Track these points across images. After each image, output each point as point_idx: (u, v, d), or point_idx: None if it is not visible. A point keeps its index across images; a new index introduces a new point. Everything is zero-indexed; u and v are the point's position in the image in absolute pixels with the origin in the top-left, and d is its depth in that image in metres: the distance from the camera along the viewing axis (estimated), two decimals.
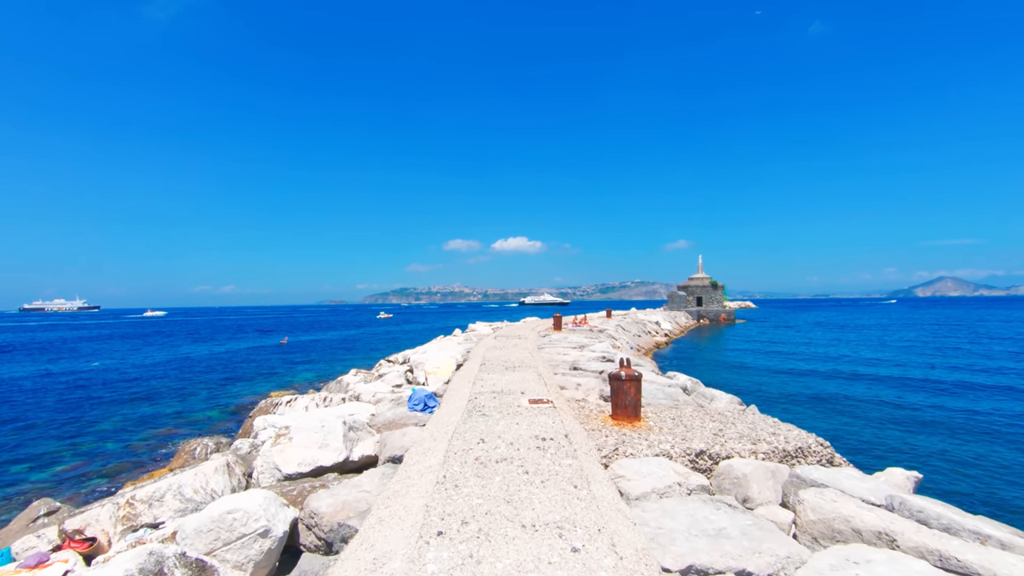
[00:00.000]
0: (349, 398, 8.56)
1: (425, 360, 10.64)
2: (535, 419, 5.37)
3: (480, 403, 6.13)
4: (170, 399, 16.81)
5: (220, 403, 15.80)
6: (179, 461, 6.97)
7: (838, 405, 13.80)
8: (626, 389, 5.90)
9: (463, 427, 5.08)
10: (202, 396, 17.17)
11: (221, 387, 19.15)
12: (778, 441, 5.43)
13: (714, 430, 5.85)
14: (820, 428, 10.94)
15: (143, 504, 4.21)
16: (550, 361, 11.12)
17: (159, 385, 19.78)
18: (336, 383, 11.19)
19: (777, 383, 16.59)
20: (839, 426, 11.57)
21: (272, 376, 21.46)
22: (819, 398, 14.46)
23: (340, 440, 5.46)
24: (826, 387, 16.23)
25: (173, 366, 26.04)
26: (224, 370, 23.98)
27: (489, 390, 6.89)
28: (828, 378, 17.57)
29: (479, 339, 16.73)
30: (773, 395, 14.88)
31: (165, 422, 13.30)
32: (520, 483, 3.50)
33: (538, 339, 16.16)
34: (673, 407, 7.28)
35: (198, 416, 13.79)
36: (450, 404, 6.38)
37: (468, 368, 9.39)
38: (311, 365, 24.69)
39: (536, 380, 7.77)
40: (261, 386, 18.61)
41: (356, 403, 7.86)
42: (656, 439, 5.40)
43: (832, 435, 10.19)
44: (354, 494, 3.92)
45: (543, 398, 6.24)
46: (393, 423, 6.36)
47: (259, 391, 17.58)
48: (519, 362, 9.82)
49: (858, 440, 10.30)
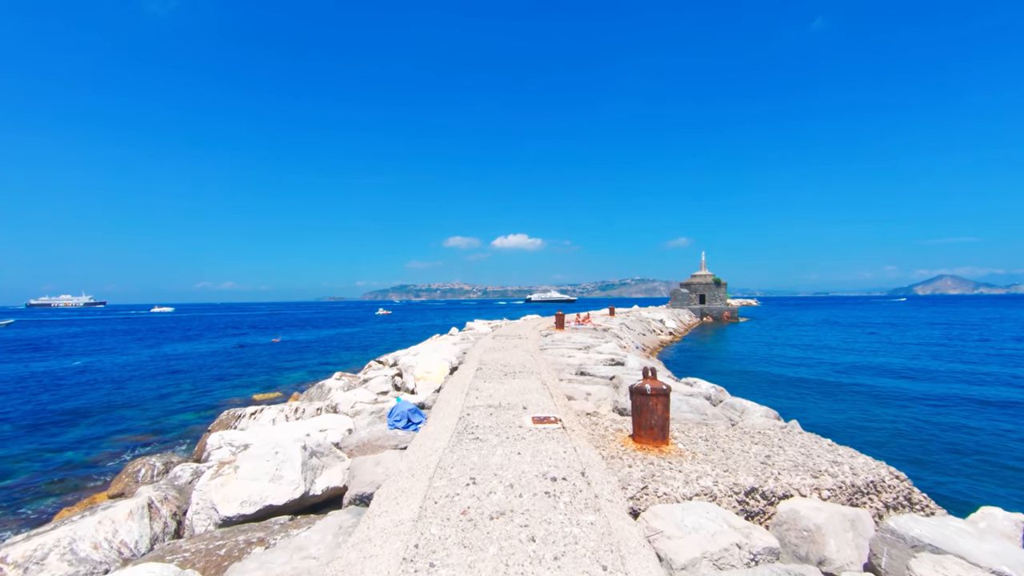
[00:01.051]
0: (326, 409, 7.47)
1: (415, 364, 9.57)
2: (541, 446, 4.30)
3: (474, 421, 5.05)
4: (146, 401, 15.75)
5: (198, 406, 14.72)
6: (118, 486, 5.89)
7: (868, 414, 12.72)
8: (652, 406, 4.82)
9: (450, 457, 4.00)
10: (180, 398, 16.10)
11: (204, 388, 18.08)
12: (843, 473, 4.37)
13: (760, 456, 4.78)
14: (864, 446, 9.86)
15: (16, 571, 3.13)
16: (554, 364, 10.04)
17: (138, 385, 18.72)
18: (317, 388, 10.12)
19: (799, 389, 15.44)
20: (885, 440, 10.48)
21: (259, 376, 20.39)
22: (847, 406, 13.35)
23: (297, 470, 4.37)
24: (851, 394, 15.11)
25: (159, 364, 24.98)
26: (211, 369, 22.92)
27: (485, 403, 5.81)
28: (851, 384, 16.39)
29: (477, 339, 15.65)
30: (798, 404, 13.78)
31: (131, 427, 12.23)
32: (524, 560, 2.42)
33: (540, 339, 15.09)
34: (701, 423, 6.21)
35: (170, 422, 12.71)
36: (438, 421, 5.31)
37: (463, 373, 8.31)
38: (302, 365, 23.62)
39: (539, 389, 6.69)
40: (246, 388, 17.55)
41: (332, 416, 6.78)
42: (692, 470, 4.33)
43: (878, 454, 9.14)
44: (295, 564, 2.84)
45: (549, 415, 5.15)
46: (368, 445, 5.28)
47: (242, 393, 16.51)
48: (520, 366, 8.74)
49: (905, 456, 9.24)
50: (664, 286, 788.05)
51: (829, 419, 12.21)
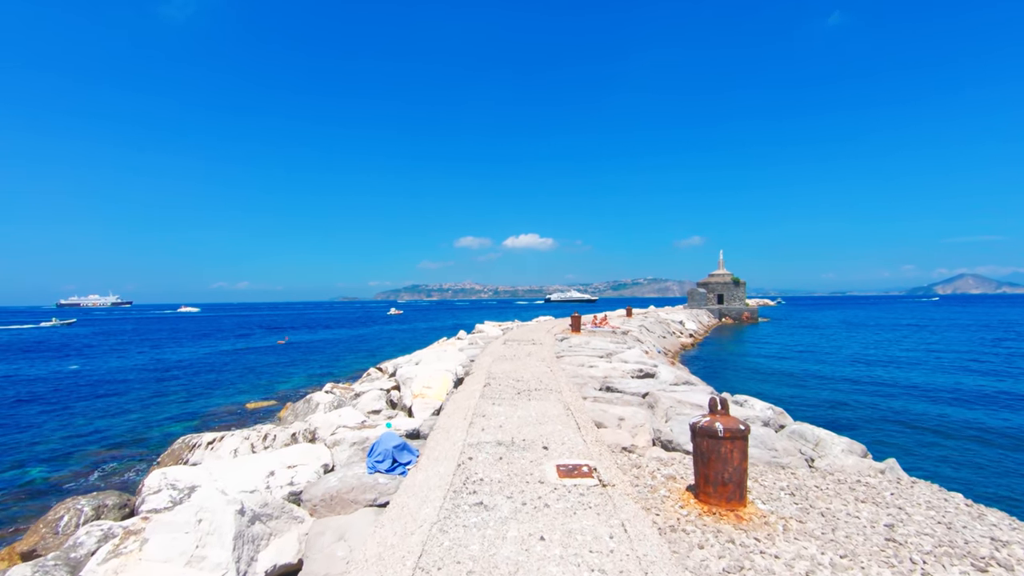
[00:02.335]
0: (303, 434, 6.20)
1: (414, 376, 8.28)
2: (574, 522, 2.95)
3: (477, 471, 3.72)
4: (131, 408, 14.71)
5: (185, 414, 13.62)
6: (32, 539, 4.68)
7: (928, 429, 11.16)
8: (725, 454, 3.46)
9: (439, 544, 2.68)
10: (170, 405, 15.03)
11: (198, 393, 17.02)
12: (1018, 561, 2.97)
13: (878, 525, 3.40)
14: (951, 478, 8.27)
15: None
16: (574, 377, 8.68)
17: (128, 390, 17.72)
18: (304, 402, 8.87)
19: (849, 408, 13.80)
20: (971, 465, 8.91)
21: (259, 381, 19.29)
22: (902, 422, 11.76)
23: (227, 546, 3.08)
24: (902, 405, 13.52)
25: (158, 367, 24.06)
26: (210, 372, 21.93)
27: (493, 438, 4.48)
28: (898, 394, 14.75)
29: (486, 343, 14.34)
30: (847, 418, 12.21)
31: (107, 439, 11.13)
32: None
33: (555, 344, 13.73)
34: (774, 463, 4.83)
35: (150, 434, 11.59)
36: (431, 466, 3.99)
37: (468, 390, 7.00)
38: (305, 369, 22.49)
39: (562, 416, 5.34)
40: (240, 394, 16.43)
41: (306, 447, 5.50)
42: (790, 553, 2.97)
43: (969, 487, 7.56)
44: None
45: (580, 465, 3.80)
46: (339, 498, 3.98)
47: (236, 400, 15.39)
48: (535, 381, 7.40)
49: (1005, 489, 7.73)
50: (677, 286, 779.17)
51: (906, 448, 10.62)
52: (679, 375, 9.08)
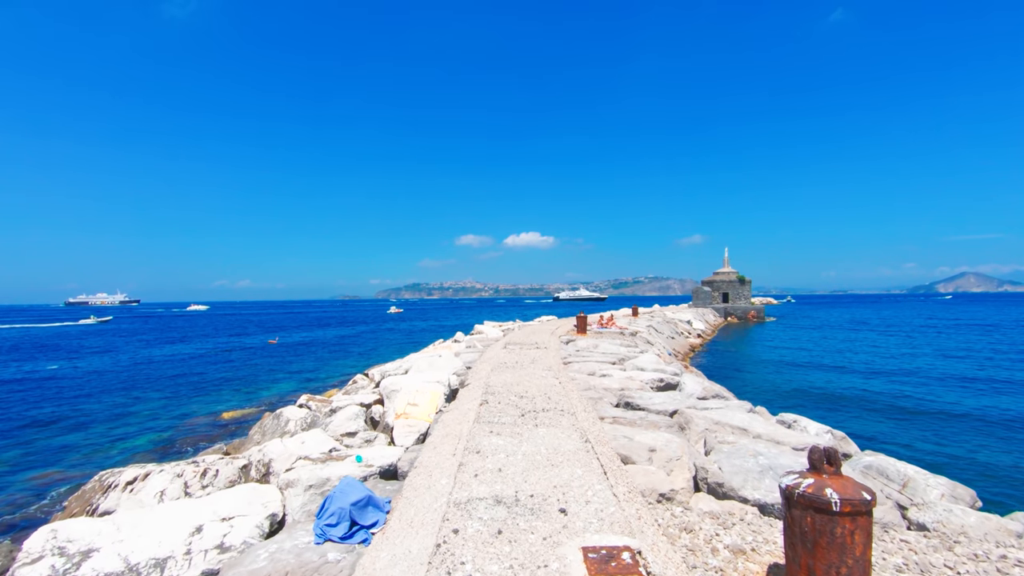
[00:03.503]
0: (256, 467, 5.00)
1: (400, 388, 7.07)
2: None
3: (464, 557, 2.50)
4: (102, 417, 13.55)
5: (153, 427, 12.42)
6: None
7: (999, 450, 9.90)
8: (843, 538, 2.26)
9: None
10: (141, 415, 13.84)
11: (175, 399, 15.83)
12: None
13: None
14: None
15: None
16: (586, 389, 7.47)
17: (105, 395, 16.55)
18: (274, 418, 7.66)
19: (883, 414, 12.52)
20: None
21: (243, 385, 18.07)
22: (963, 445, 10.41)
23: None
24: (968, 424, 12.18)
25: (140, 369, 22.86)
26: (194, 375, 20.73)
27: (489, 493, 3.27)
28: (952, 408, 13.29)
29: (485, 347, 13.12)
30: (881, 431, 10.97)
31: (62, 458, 9.94)
32: None
33: (560, 347, 12.51)
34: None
35: (109, 453, 10.38)
36: (400, 540, 2.78)
37: (462, 408, 5.79)
38: (294, 372, 21.25)
39: (580, 453, 4.12)
40: (218, 403, 15.21)
41: (252, 489, 4.29)
42: None
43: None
44: None
45: (617, 549, 2.56)
46: None
47: (213, 408, 14.19)
48: (541, 396, 6.19)
49: None
50: (678, 284, 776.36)
51: (905, 440, 9.34)
52: (707, 387, 7.87)
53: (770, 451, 4.66)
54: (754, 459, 4.44)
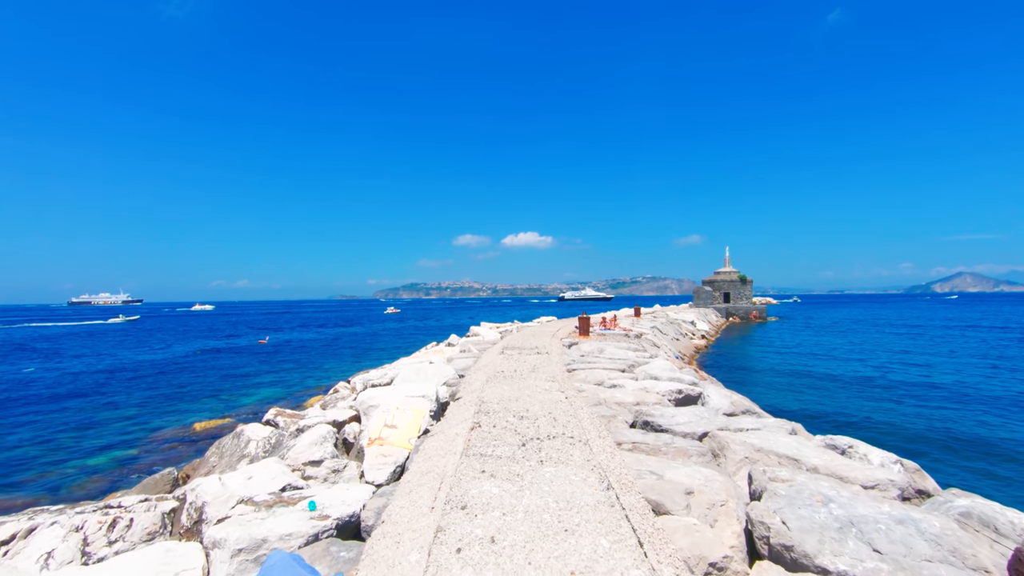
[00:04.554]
0: (188, 513, 3.95)
1: (379, 404, 6.02)
2: None
3: None
4: (68, 427, 12.48)
5: (123, 441, 11.32)
6: None
7: None
8: None
9: None
10: (110, 425, 12.76)
11: (150, 407, 14.73)
12: None
13: None
14: None
15: None
16: (596, 404, 6.44)
17: (75, 402, 15.44)
18: (234, 438, 6.60)
19: (921, 428, 11.45)
20: None
21: (224, 391, 16.94)
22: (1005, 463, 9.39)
23: None
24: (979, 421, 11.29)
25: (122, 372, 21.70)
26: (174, 378, 19.63)
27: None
28: (1000, 420, 12.18)
29: (481, 351, 12.08)
30: (940, 456, 9.88)
31: (12, 473, 8.88)
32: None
33: (563, 351, 11.48)
34: None
35: (73, 467, 9.34)
36: None
37: (448, 432, 4.76)
38: (281, 376, 20.09)
39: (602, 506, 3.08)
40: (194, 412, 14.09)
41: (168, 551, 3.24)
42: None
43: None
44: None
45: None
46: None
47: (185, 419, 13.07)
48: (545, 416, 5.15)
49: None
50: (676, 284, 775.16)
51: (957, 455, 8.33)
52: (735, 401, 6.83)
53: (840, 494, 3.63)
54: (825, 508, 3.42)
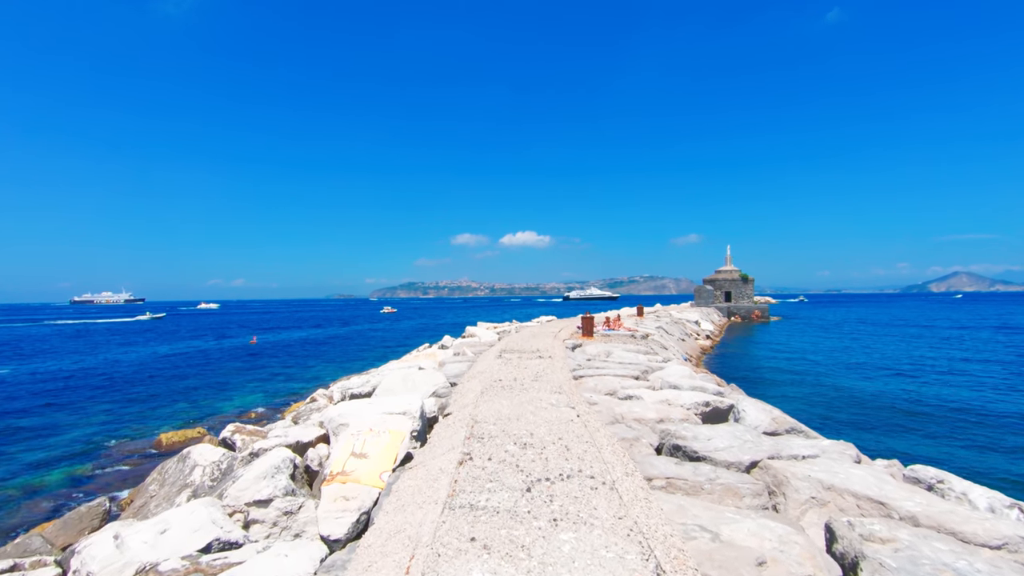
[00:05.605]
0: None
1: (349, 423, 4.95)
2: None
3: None
4: (26, 435, 11.40)
5: (80, 452, 10.21)
6: None
7: None
8: None
9: None
10: (71, 431, 11.69)
11: (118, 414, 13.60)
12: None
13: None
14: None
15: None
16: (612, 421, 5.37)
17: (37, 408, 14.31)
18: (178, 462, 5.52)
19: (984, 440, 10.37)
20: None
21: (199, 397, 15.74)
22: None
23: None
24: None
25: (100, 374, 20.55)
26: (152, 381, 18.51)
27: None
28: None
29: (476, 355, 10.99)
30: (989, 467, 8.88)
31: None
32: None
33: (567, 355, 10.40)
34: None
35: (17, 488, 8.23)
36: None
37: (431, 467, 3.69)
38: (265, 381, 18.86)
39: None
40: (165, 419, 12.97)
41: None
42: None
43: None
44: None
45: None
46: None
47: (156, 428, 11.96)
48: (553, 441, 4.08)
49: None
50: (673, 283, 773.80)
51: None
52: (775, 417, 5.75)
53: (972, 566, 2.57)
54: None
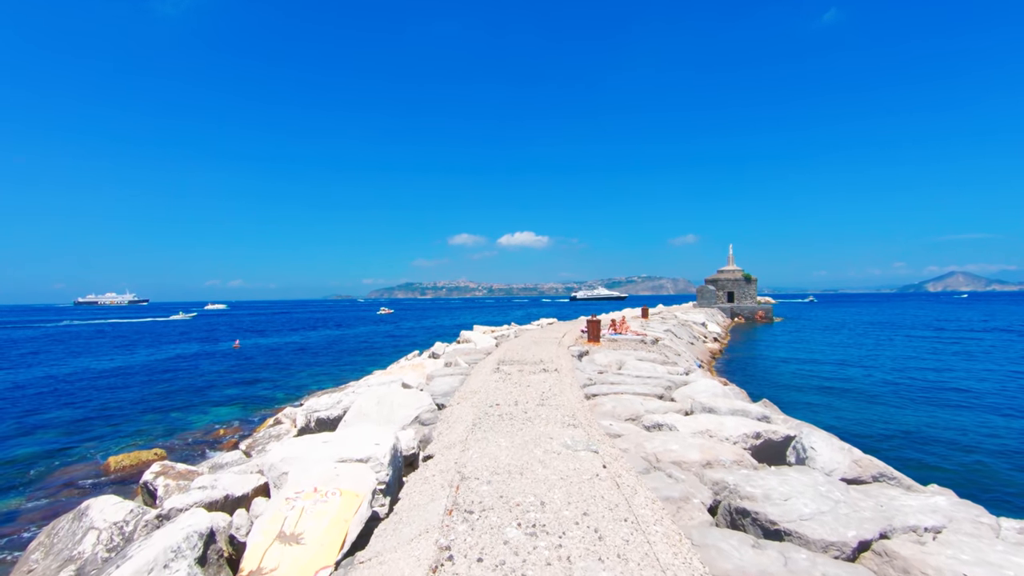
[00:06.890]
0: None
1: (290, 471, 3.61)
2: None
3: None
4: None
5: (36, 473, 8.88)
6: None
7: None
8: None
9: None
10: (14, 449, 10.32)
11: (68, 432, 12.18)
12: None
13: None
14: None
15: None
16: (646, 470, 4.04)
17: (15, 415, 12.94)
18: (72, 521, 4.18)
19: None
20: None
21: (163, 412, 14.06)
22: None
23: None
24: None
25: (75, 382, 19.07)
26: (126, 390, 17.10)
27: None
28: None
29: (471, 365, 9.61)
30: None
31: None
32: None
33: (574, 365, 9.06)
34: None
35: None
36: None
37: (395, 562, 2.34)
38: (242, 392, 17.17)
39: None
40: (121, 438, 11.56)
41: None
42: None
43: None
44: None
45: None
46: None
47: (107, 449, 10.56)
48: (577, 519, 2.73)
49: None
50: (671, 283, 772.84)
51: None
52: (858, 459, 4.41)
53: None
54: None
